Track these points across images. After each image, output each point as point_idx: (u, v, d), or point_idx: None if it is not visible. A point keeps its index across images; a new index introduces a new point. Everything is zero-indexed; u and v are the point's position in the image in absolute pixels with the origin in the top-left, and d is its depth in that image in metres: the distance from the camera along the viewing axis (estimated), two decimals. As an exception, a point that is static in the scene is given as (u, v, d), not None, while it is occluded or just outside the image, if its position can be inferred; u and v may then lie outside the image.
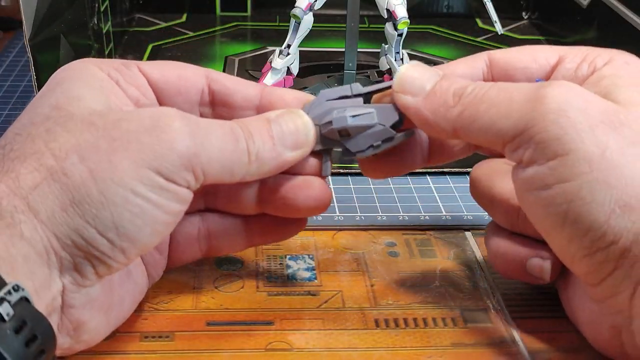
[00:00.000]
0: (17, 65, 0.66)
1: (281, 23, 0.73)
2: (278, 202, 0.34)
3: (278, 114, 0.33)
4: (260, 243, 0.38)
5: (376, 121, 0.33)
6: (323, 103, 0.34)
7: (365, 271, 0.39)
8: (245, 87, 0.35)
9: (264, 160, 0.31)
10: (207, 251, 0.36)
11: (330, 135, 0.33)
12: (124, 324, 0.34)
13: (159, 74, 0.34)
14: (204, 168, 0.29)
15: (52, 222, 0.27)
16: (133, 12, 0.73)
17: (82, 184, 0.28)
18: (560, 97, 0.28)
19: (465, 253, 0.41)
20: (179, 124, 0.29)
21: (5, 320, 0.25)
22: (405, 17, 0.52)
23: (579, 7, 0.65)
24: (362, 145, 0.33)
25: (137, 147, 0.28)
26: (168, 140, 0.29)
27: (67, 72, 0.32)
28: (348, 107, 0.33)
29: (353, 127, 0.33)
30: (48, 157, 0.28)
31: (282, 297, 0.37)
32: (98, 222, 0.28)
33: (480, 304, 0.37)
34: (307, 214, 0.35)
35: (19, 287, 0.26)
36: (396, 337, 0.35)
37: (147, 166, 0.28)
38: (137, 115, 0.29)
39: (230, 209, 0.36)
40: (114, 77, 0.32)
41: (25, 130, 0.29)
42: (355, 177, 0.48)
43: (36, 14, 0.44)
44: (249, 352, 0.33)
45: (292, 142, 0.32)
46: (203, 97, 0.35)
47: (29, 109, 0.31)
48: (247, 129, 0.31)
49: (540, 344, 0.34)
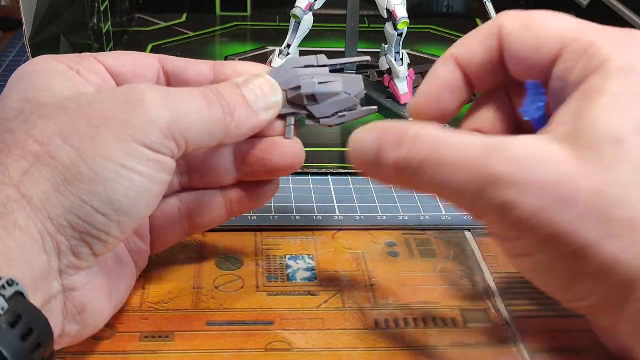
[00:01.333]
0: (17, 65, 0.65)
1: (281, 23, 0.73)
2: (256, 165, 0.36)
3: (245, 79, 0.34)
4: (240, 212, 0.38)
5: (342, 89, 0.35)
6: (290, 70, 0.35)
7: (365, 271, 0.39)
8: (196, 64, 0.36)
9: (240, 122, 0.33)
10: (189, 230, 0.37)
11: (297, 100, 0.35)
12: (124, 324, 0.34)
13: (114, 60, 0.35)
14: (184, 134, 0.30)
15: (46, 206, 0.28)
16: (133, 12, 0.73)
17: (71, 163, 0.28)
18: (509, 176, 0.27)
19: (465, 253, 0.41)
20: (151, 95, 0.30)
21: (0, 315, 0.25)
22: (405, 17, 0.52)
23: (579, 7, 0.65)
24: (326, 111, 0.35)
25: (117, 124, 0.29)
26: (145, 113, 0.29)
27: (28, 68, 0.33)
28: (316, 74, 0.35)
29: (320, 94, 0.35)
30: (31, 144, 0.28)
31: (282, 297, 0.37)
32: (93, 199, 0.28)
33: (480, 304, 0.37)
34: (284, 173, 0.37)
35: (14, 282, 0.26)
36: (396, 337, 0.35)
37: (131, 140, 0.29)
38: (109, 94, 0.30)
39: (207, 184, 0.37)
40: (74, 68, 0.33)
41: (1, 127, 0.30)
42: (355, 177, 0.48)
43: (36, 14, 0.44)
44: (249, 352, 0.33)
45: (263, 103, 0.34)
46: (159, 78, 0.36)
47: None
48: (219, 92, 0.32)
49: (540, 344, 0.34)
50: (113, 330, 0.34)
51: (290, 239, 0.42)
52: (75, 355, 0.32)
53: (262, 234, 0.42)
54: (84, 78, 0.33)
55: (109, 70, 0.34)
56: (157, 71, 0.36)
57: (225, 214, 0.37)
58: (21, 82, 0.32)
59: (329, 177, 0.48)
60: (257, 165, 0.36)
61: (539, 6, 0.33)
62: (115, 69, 0.34)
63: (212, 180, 0.37)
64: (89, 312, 0.30)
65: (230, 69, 0.36)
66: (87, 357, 0.33)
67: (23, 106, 0.30)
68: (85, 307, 0.30)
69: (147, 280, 0.38)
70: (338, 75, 0.35)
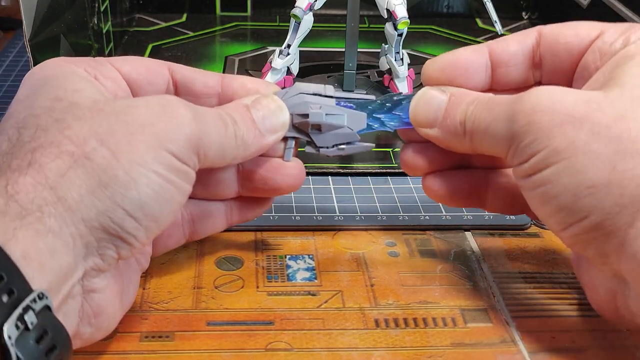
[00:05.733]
0: (17, 65, 0.66)
1: (281, 23, 0.73)
2: (258, 183, 0.36)
3: (253, 100, 0.35)
4: (238, 221, 0.39)
5: (346, 124, 0.36)
6: (297, 95, 0.36)
7: (365, 271, 0.39)
8: (203, 76, 0.36)
9: (248, 144, 0.33)
10: (190, 235, 0.38)
11: (302, 126, 0.36)
12: (124, 324, 0.34)
13: (129, 67, 0.35)
14: (205, 150, 0.31)
15: (80, 208, 0.28)
16: (133, 12, 0.73)
17: (107, 166, 0.28)
18: (529, 107, 0.31)
19: (465, 253, 0.41)
20: (184, 110, 0.31)
21: (29, 329, 0.25)
22: (405, 17, 0.52)
23: (579, 7, 0.65)
24: (327, 142, 0.36)
25: (152, 131, 0.29)
26: (179, 125, 0.30)
27: (49, 70, 0.33)
28: (323, 104, 0.36)
29: (326, 124, 0.36)
30: (67, 144, 0.28)
31: (282, 297, 0.37)
32: (126, 202, 0.28)
33: (480, 304, 0.37)
34: (284, 192, 0.38)
35: (44, 295, 0.26)
36: (396, 337, 0.35)
37: (163, 148, 0.29)
38: (144, 102, 0.31)
39: (209, 196, 0.37)
40: (91, 73, 0.33)
41: (30, 123, 0.29)
42: (355, 177, 0.48)
43: (36, 14, 0.44)
44: (249, 352, 0.33)
45: (270, 126, 0.34)
46: (169, 87, 0.36)
47: (17, 109, 0.31)
48: (231, 115, 0.33)
49: (540, 344, 0.34)
50: (113, 330, 0.34)
51: (290, 239, 0.42)
52: (75, 355, 0.32)
53: (262, 234, 0.42)
54: (101, 83, 0.33)
55: (124, 77, 0.34)
56: (168, 80, 0.36)
57: (225, 223, 0.38)
58: (48, 82, 0.31)
59: (329, 177, 0.48)
60: (260, 183, 0.36)
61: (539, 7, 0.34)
62: (130, 76, 0.35)
63: (214, 192, 0.37)
64: (104, 316, 0.30)
65: (238, 83, 0.36)
66: (87, 357, 0.33)
67: (53, 104, 0.30)
68: (102, 310, 0.30)
69: (147, 280, 0.38)
70: (344, 109, 0.36)
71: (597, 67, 0.33)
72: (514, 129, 0.31)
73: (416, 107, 0.35)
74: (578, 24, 0.35)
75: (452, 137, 0.34)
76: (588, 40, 0.34)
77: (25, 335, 0.25)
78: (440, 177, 0.37)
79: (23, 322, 0.25)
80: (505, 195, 0.37)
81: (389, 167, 0.49)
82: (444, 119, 0.34)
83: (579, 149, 0.29)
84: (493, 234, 0.43)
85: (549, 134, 0.30)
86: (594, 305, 0.34)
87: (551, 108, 0.30)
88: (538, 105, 0.30)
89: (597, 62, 0.33)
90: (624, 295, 0.31)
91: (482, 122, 0.33)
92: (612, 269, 0.30)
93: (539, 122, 0.30)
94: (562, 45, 0.35)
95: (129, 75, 0.35)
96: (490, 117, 0.32)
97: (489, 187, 0.38)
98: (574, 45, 0.34)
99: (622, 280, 0.31)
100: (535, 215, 0.33)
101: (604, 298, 0.32)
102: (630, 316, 0.31)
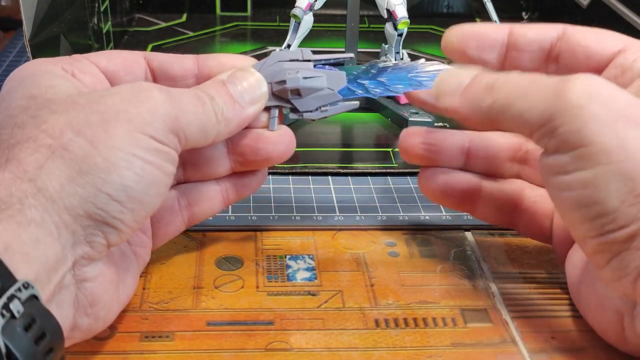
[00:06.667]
0: (17, 65, 0.65)
1: (281, 23, 0.73)
2: (249, 155, 0.37)
3: (229, 74, 0.35)
4: (235, 200, 0.39)
5: (326, 85, 0.36)
6: (275, 63, 0.36)
7: (365, 271, 0.39)
8: (180, 59, 0.37)
9: (229, 119, 0.34)
10: (188, 221, 0.38)
11: (282, 93, 0.36)
12: (124, 324, 0.34)
13: (105, 60, 0.35)
14: (184, 131, 0.32)
15: (62, 197, 0.28)
16: (133, 12, 0.73)
17: (85, 154, 0.29)
18: (583, 91, 0.29)
19: (465, 253, 0.41)
20: (157, 93, 0.31)
21: (16, 318, 0.25)
22: (405, 17, 0.52)
23: (579, 7, 0.65)
24: (310, 105, 0.36)
25: (127, 117, 0.30)
26: (153, 108, 0.31)
27: (26, 70, 0.33)
28: (300, 69, 0.36)
29: (304, 88, 0.36)
30: (44, 137, 0.29)
31: (282, 297, 0.37)
32: (108, 187, 0.29)
33: (480, 304, 0.37)
34: (277, 161, 0.37)
35: (29, 285, 0.26)
36: (396, 337, 0.35)
37: (140, 131, 0.30)
38: (116, 91, 0.31)
39: (202, 176, 0.38)
40: (68, 70, 0.34)
41: (7, 123, 0.30)
42: (355, 177, 0.48)
43: (36, 14, 0.44)
44: (249, 352, 0.33)
45: (249, 98, 0.35)
46: (147, 74, 0.36)
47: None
48: (207, 92, 0.33)
49: (540, 344, 0.34)
50: (113, 330, 0.34)
51: (290, 239, 0.42)
52: (75, 355, 0.32)
53: (262, 234, 0.42)
54: (79, 79, 0.33)
55: (102, 70, 0.35)
56: (145, 68, 0.36)
57: (222, 203, 0.38)
58: (23, 82, 0.32)
59: (329, 177, 0.48)
60: (251, 155, 0.37)
61: (539, 7, 0.34)
62: (108, 69, 0.35)
63: (207, 172, 0.37)
64: (100, 305, 0.31)
65: (214, 61, 0.36)
66: (87, 357, 0.33)
67: (29, 102, 0.31)
68: (97, 299, 0.30)
69: (147, 280, 0.38)
70: (322, 70, 0.36)
71: (618, 83, 0.32)
72: (558, 107, 0.29)
73: (443, 76, 0.35)
74: (603, 32, 0.35)
75: (474, 104, 0.33)
76: (610, 52, 0.34)
77: (12, 323, 0.25)
78: (436, 173, 0.37)
79: (9, 311, 0.25)
80: (495, 205, 0.38)
81: (389, 167, 0.49)
82: (469, 86, 0.33)
83: (631, 153, 0.28)
84: (493, 234, 0.43)
85: (601, 129, 0.28)
86: (597, 327, 0.33)
87: (607, 102, 0.29)
88: (595, 93, 0.29)
89: (619, 77, 0.33)
90: (631, 316, 0.30)
91: (517, 89, 0.31)
92: (624, 288, 0.29)
93: (592, 111, 0.28)
94: (582, 48, 0.34)
95: (106, 68, 0.35)
96: (530, 86, 0.31)
97: (481, 193, 0.38)
98: (592, 51, 0.34)
99: (631, 301, 0.30)
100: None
101: (610, 319, 0.32)
102: (637, 339, 0.31)
